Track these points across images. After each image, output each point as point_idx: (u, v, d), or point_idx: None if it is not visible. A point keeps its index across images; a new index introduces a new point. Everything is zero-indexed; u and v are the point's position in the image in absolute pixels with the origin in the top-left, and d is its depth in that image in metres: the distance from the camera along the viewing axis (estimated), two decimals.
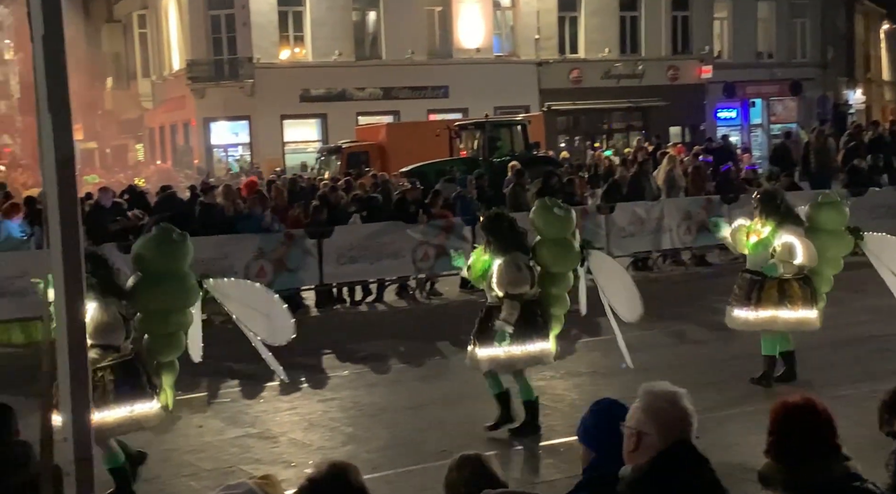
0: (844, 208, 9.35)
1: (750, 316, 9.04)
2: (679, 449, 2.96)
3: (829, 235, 9.01)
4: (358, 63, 33.33)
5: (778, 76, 38.88)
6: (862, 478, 3.33)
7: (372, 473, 6.75)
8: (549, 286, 8.16)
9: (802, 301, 8.95)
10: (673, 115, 35.91)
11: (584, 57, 36.03)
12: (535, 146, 25.07)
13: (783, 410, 3.46)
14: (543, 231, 8.25)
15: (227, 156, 34.06)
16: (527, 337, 7.99)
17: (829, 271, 9.15)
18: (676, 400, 3.06)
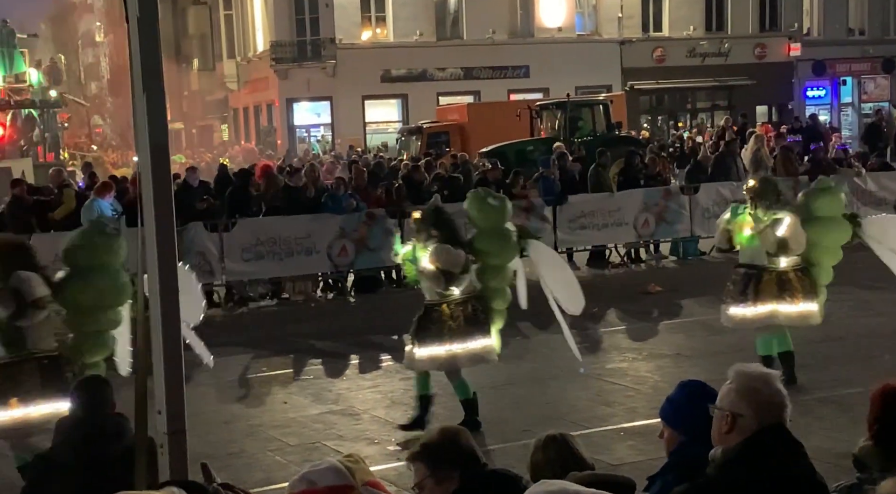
0: (840, 193, 8.85)
1: (748, 312, 8.51)
2: (773, 432, 2.91)
3: (826, 222, 8.49)
4: (439, 43, 33.33)
5: (870, 53, 37.65)
6: None
7: None
8: (488, 280, 7.82)
9: (803, 294, 8.46)
10: (760, 94, 35.10)
11: (668, 35, 35.41)
12: (617, 126, 24.78)
13: (886, 393, 3.39)
14: (479, 223, 7.93)
15: (309, 136, 34.46)
16: (468, 335, 7.68)
17: (827, 261, 8.62)
18: (771, 382, 3.00)
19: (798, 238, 8.32)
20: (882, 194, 16.73)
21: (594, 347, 10.79)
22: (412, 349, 7.82)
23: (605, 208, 15.97)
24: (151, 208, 3.33)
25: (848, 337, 10.21)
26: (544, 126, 24.95)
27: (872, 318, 11.22)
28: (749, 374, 3.02)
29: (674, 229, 16.32)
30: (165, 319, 3.26)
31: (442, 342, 7.67)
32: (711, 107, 36.71)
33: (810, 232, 8.39)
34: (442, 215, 7.82)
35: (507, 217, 8.01)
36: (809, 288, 8.51)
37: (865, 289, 12.06)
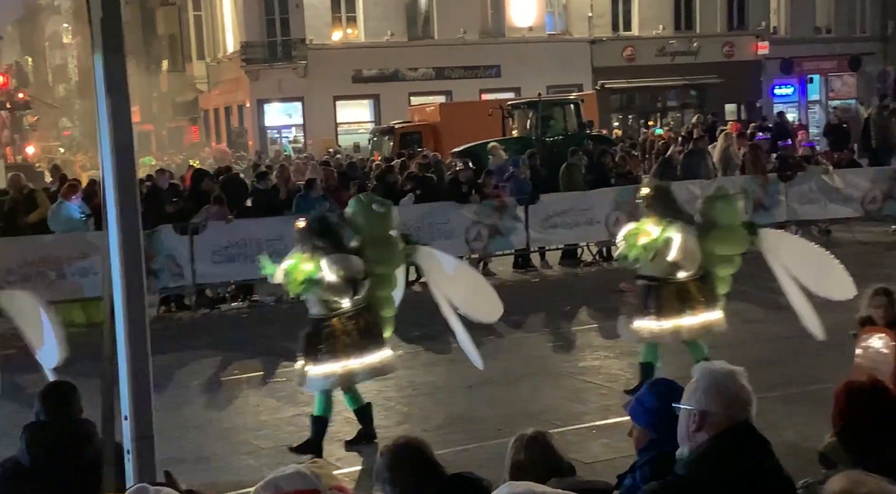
0: (738, 202, 8.62)
1: (654, 326, 8.32)
2: (740, 430, 2.92)
3: (724, 231, 8.25)
4: (410, 43, 33.31)
5: (836, 51, 38.04)
6: None
7: None
8: (376, 289, 7.55)
9: (705, 304, 8.30)
10: (729, 92, 35.36)
11: (637, 34, 35.60)
12: (588, 125, 24.88)
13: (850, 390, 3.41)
14: (364, 230, 7.64)
15: (280, 137, 34.33)
16: (364, 349, 7.40)
17: (724, 270, 8.42)
18: (737, 379, 3.02)
19: (691, 257, 8.14)
20: (849, 190, 16.88)
21: (567, 345, 10.82)
22: (304, 368, 7.44)
23: (577, 207, 16.01)
24: (115, 211, 3.29)
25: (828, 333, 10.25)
26: (516, 125, 25.01)
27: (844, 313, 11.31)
28: (715, 372, 3.04)
29: None
30: (131, 323, 3.22)
31: (337, 359, 7.33)
32: (681, 105, 36.94)
33: (708, 241, 8.21)
34: (327, 224, 7.59)
35: (393, 224, 7.77)
36: (710, 297, 8.36)
37: None
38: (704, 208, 8.50)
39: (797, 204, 16.78)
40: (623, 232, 8.56)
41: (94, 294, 11.55)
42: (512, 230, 15.48)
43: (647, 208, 8.37)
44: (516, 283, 15.11)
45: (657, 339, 8.43)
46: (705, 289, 8.34)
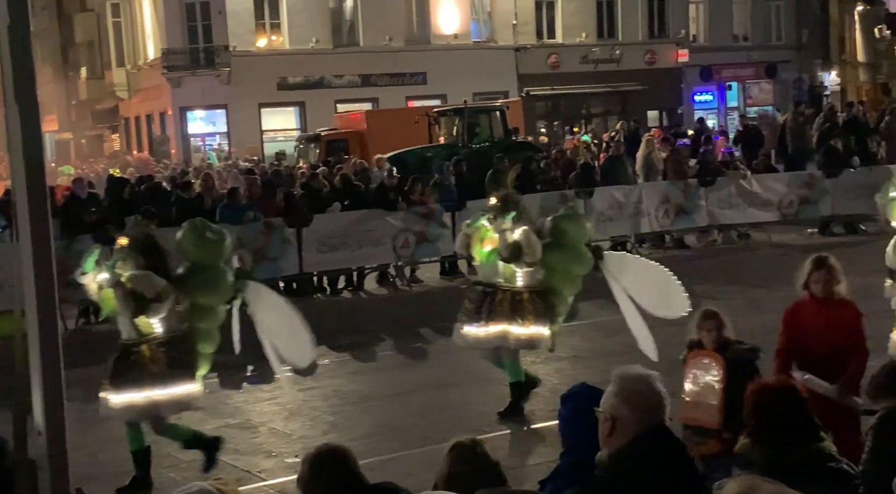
0: (585, 222, 8.63)
1: (480, 332, 8.25)
2: (654, 433, 2.96)
3: (568, 250, 8.20)
4: (336, 50, 33.18)
5: (754, 59, 38.99)
6: (837, 458, 3.36)
7: None
8: (196, 320, 7.07)
9: (535, 317, 8.19)
10: (651, 99, 35.96)
11: (561, 42, 36.00)
12: (514, 132, 25.06)
13: (762, 391, 3.49)
14: (192, 257, 7.13)
15: (204, 145, 33.87)
16: (171, 380, 6.92)
17: (566, 289, 8.33)
18: (650, 383, 3.06)
19: (533, 247, 8.06)
20: (767, 195, 17.30)
21: None
22: (107, 396, 6.93)
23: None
24: (27, 222, 3.20)
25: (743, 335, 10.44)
26: (443, 132, 25.06)
27: (764, 315, 11.57)
28: (628, 376, 3.07)
29: None
30: (43, 335, 3.13)
31: (141, 388, 6.86)
32: (605, 112, 37.44)
33: (551, 256, 8.15)
34: (151, 243, 7.16)
35: (226, 254, 7.23)
36: (543, 312, 8.25)
37: (755, 288, 12.43)
38: (552, 227, 8.33)
39: (717, 209, 17.14)
40: (463, 225, 8.64)
41: (8, 307, 11.24)
42: (439, 237, 15.50)
43: (494, 216, 8.26)
44: (444, 290, 15.14)
45: (483, 345, 8.35)
46: (540, 303, 8.23)
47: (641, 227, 16.99)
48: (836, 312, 5.95)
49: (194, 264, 7.14)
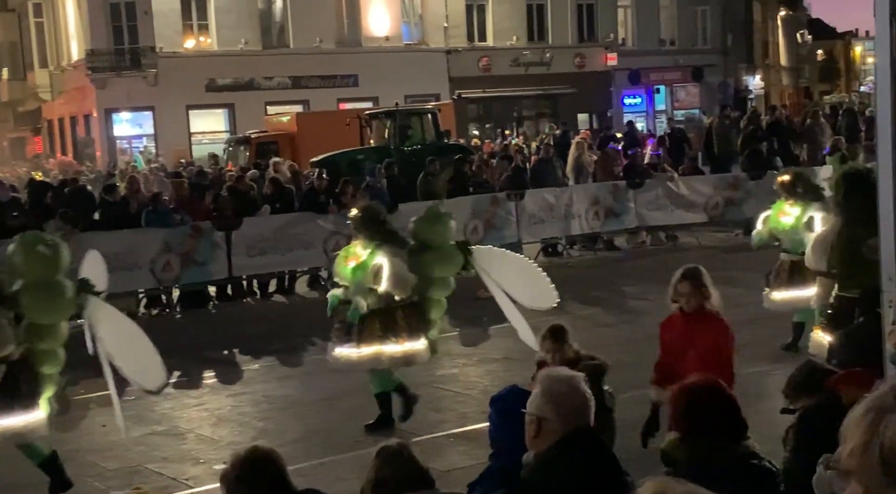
0: (449, 220, 8.24)
1: (353, 354, 7.86)
2: (579, 435, 2.96)
3: (437, 252, 7.86)
4: (265, 52, 32.85)
5: (680, 63, 39.65)
6: (760, 456, 3.40)
7: None
8: (36, 341, 6.60)
9: (409, 332, 7.88)
10: (581, 102, 36.32)
11: (492, 45, 36.17)
12: (445, 134, 25.08)
13: (689, 390, 3.51)
14: (25, 273, 6.61)
15: (130, 148, 33.25)
16: (6, 408, 6.52)
17: (439, 293, 8.00)
18: (576, 385, 3.06)
19: (403, 284, 7.75)
20: (693, 197, 17.57)
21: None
22: None
23: None
24: None
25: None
26: (374, 135, 24.97)
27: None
28: (553, 378, 3.08)
29: (502, 234, 16.61)
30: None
31: None
32: (536, 115, 37.71)
33: (422, 264, 7.81)
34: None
35: (62, 267, 6.74)
36: (416, 325, 7.96)
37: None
38: (415, 230, 8.07)
39: (645, 210, 17.36)
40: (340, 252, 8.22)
41: None
42: None
43: (355, 229, 7.96)
44: None
45: (356, 367, 8.01)
46: (413, 316, 7.94)
47: (572, 229, 17.13)
48: (704, 326, 5.74)
49: (28, 281, 6.60)
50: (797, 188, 9.35)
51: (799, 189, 9.34)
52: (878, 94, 5.69)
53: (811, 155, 20.44)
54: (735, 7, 43.44)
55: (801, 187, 9.40)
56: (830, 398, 3.88)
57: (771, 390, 6.66)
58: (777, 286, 9.51)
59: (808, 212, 9.07)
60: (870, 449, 1.28)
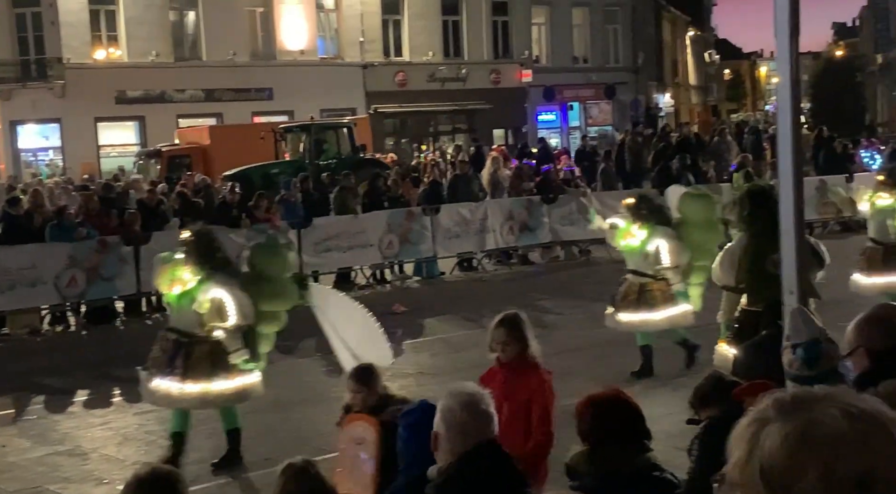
0: (286, 252, 8.05)
1: (174, 390, 7.36)
2: (480, 450, 2.96)
3: (272, 284, 7.53)
4: (177, 64, 32.31)
5: (593, 80, 40.30)
6: (661, 468, 3.43)
7: (192, 486, 6.49)
8: None
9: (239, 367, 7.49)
10: (496, 117, 36.62)
11: (408, 60, 36.24)
12: (361, 149, 25.02)
13: (591, 402, 3.53)
14: None
15: (36, 160, 32.31)
16: None
17: (269, 328, 7.70)
18: (470, 402, 3.07)
19: (248, 315, 7.37)
20: (606, 213, 17.81)
21: (339, 370, 10.70)
22: None
23: (350, 230, 16.03)
24: None
25: (586, 348, 10.68)
26: (289, 149, 24.77)
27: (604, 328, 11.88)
28: (451, 395, 3.10)
29: (417, 249, 16.64)
30: None
31: None
32: (452, 130, 37.89)
33: (253, 296, 7.42)
34: None
35: None
36: None
37: (595, 302, 12.71)
38: (251, 259, 7.72)
39: (559, 225, 17.56)
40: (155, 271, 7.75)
41: None
42: None
43: (185, 253, 7.44)
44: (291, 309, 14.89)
45: (176, 405, 7.50)
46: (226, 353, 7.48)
47: (487, 243, 17.23)
48: (520, 378, 5.20)
49: None
50: (642, 210, 9.40)
51: (643, 211, 9.39)
52: (780, 111, 5.86)
53: (717, 171, 20.95)
54: (645, 27, 44.41)
55: (645, 208, 9.46)
56: (735, 409, 3.93)
57: None
58: (623, 308, 9.50)
59: (654, 235, 9.23)
60: (751, 461, 1.30)
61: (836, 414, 1.29)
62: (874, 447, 1.25)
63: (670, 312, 9.39)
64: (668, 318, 9.42)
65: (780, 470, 1.27)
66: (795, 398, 1.33)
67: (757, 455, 1.29)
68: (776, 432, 1.29)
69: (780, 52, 5.66)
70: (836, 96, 51.06)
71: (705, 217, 9.60)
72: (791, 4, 5.60)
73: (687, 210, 9.63)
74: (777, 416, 1.31)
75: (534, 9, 38.85)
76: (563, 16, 39.66)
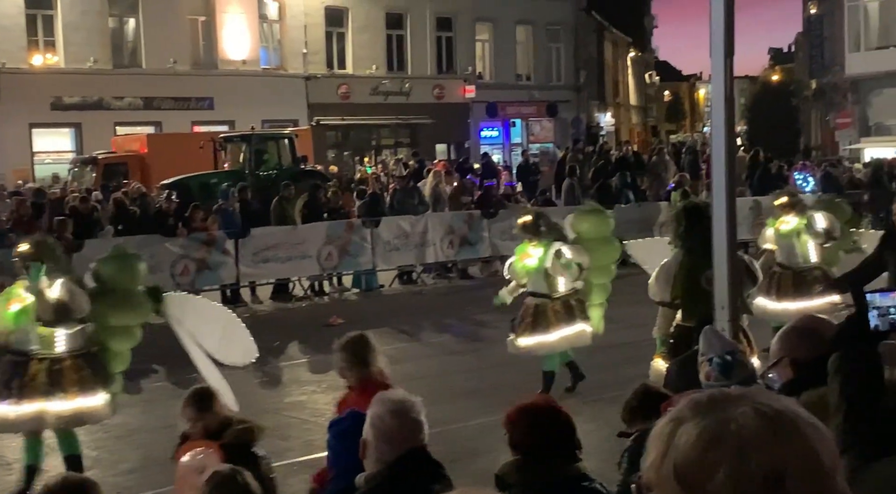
0: (136, 262, 7.63)
1: (10, 413, 6.96)
2: (409, 457, 2.95)
3: (119, 298, 7.32)
4: (115, 71, 31.83)
5: (536, 98, 40.63)
6: (590, 478, 3.43)
7: None
8: None
9: (80, 387, 7.07)
10: (439, 132, 36.70)
11: (352, 73, 36.17)
12: (302, 160, 24.88)
13: (523, 411, 3.52)
14: None
15: None
16: None
17: (122, 343, 7.44)
18: (399, 409, 3.07)
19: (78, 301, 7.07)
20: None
21: (274, 381, 10.63)
22: None
23: (288, 241, 15.91)
24: None
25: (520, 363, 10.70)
26: (229, 159, 24.53)
27: None
28: (380, 402, 3.10)
29: (357, 261, 16.57)
30: None
31: None
32: (395, 144, 37.88)
33: (101, 309, 7.23)
34: None
35: None
36: (91, 379, 7.20)
37: None
38: (98, 270, 7.40)
39: (499, 240, 17.62)
40: None
41: None
42: (221, 265, 15.12)
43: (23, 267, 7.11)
44: None
45: (10, 430, 7.20)
46: (88, 368, 7.18)
47: (427, 257, 17.23)
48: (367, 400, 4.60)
49: None
50: (540, 227, 9.20)
51: (542, 228, 9.20)
52: (714, 127, 5.95)
53: (655, 190, 21.23)
54: (588, 47, 44.93)
55: (543, 225, 9.26)
56: None
57: None
58: (521, 332, 9.21)
59: (550, 250, 8.98)
60: (666, 461, 1.30)
61: (748, 412, 1.29)
62: (784, 444, 1.26)
63: (565, 332, 9.16)
64: (563, 338, 9.17)
65: (692, 469, 1.27)
66: (711, 398, 1.34)
67: (671, 455, 1.30)
68: (690, 430, 1.30)
69: (714, 69, 5.76)
70: (771, 119, 52.22)
71: (600, 234, 9.42)
72: (726, 26, 5.72)
73: (581, 227, 9.44)
74: (692, 415, 1.32)
75: (478, 25, 39.09)
76: (506, 33, 39.96)
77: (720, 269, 5.72)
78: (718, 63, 5.70)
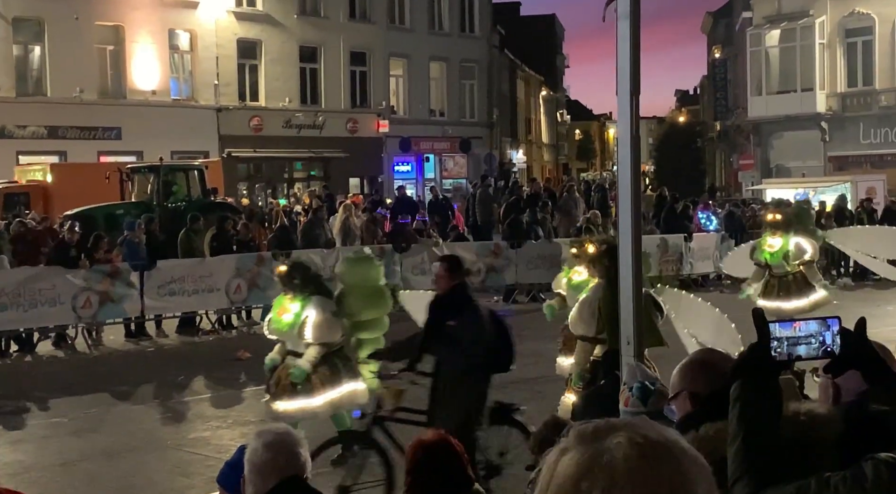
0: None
1: None
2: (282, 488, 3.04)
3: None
4: (19, 99, 30.99)
5: (449, 133, 40.96)
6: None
7: None
8: None
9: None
10: (353, 166, 36.66)
11: (264, 105, 35.95)
12: (212, 192, 24.53)
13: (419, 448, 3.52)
14: None
15: None
16: None
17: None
18: (273, 441, 3.14)
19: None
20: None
21: (177, 417, 10.36)
22: None
23: (196, 274, 15.62)
24: None
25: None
26: (136, 190, 24.03)
27: None
28: (257, 436, 3.23)
29: (266, 295, 16.31)
30: None
31: None
32: (308, 177, 37.68)
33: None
34: None
35: None
36: None
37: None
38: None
39: (411, 274, 17.62)
40: None
41: None
42: (125, 297, 14.74)
43: None
44: (128, 353, 14.37)
45: None
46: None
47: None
48: None
49: None
50: (294, 279, 8.09)
51: (296, 280, 8.09)
52: (620, 164, 6.06)
53: (565, 227, 21.52)
54: (501, 84, 45.57)
55: (298, 277, 8.13)
56: None
57: None
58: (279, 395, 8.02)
59: (307, 306, 7.88)
60: (549, 489, 1.34)
61: (623, 443, 1.33)
62: (653, 475, 1.29)
63: (331, 395, 7.91)
64: (328, 402, 7.91)
65: None
66: (596, 428, 1.37)
67: (554, 483, 1.32)
68: (570, 460, 1.34)
69: (621, 107, 5.88)
70: (678, 160, 53.57)
71: (369, 285, 8.44)
72: (632, 65, 5.84)
73: (349, 277, 8.47)
74: (574, 445, 1.36)
75: (392, 61, 39.31)
76: (420, 69, 40.26)
77: (626, 304, 5.80)
78: (625, 101, 5.83)
